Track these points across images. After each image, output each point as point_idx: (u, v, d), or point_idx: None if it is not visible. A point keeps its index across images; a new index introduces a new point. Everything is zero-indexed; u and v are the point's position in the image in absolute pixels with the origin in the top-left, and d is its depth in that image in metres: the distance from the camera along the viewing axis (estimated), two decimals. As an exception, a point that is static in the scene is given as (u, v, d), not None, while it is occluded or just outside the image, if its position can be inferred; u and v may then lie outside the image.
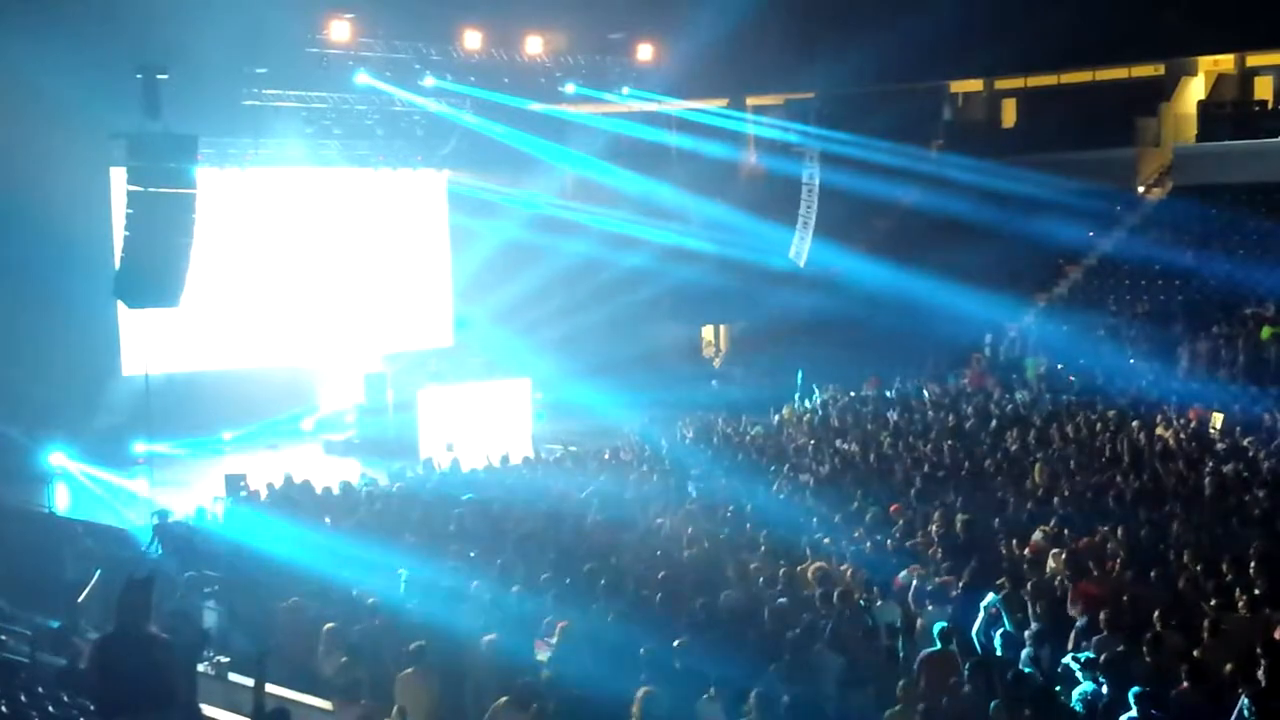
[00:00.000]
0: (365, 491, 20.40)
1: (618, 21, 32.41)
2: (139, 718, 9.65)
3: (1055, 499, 17.11)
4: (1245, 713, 9.51)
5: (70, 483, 23.92)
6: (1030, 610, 12.07)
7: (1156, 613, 11.87)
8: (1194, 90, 38.42)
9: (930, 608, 12.70)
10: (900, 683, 10.39)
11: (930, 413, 24.61)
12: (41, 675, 12.17)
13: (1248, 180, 32.62)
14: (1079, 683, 10.31)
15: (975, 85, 42.83)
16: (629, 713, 10.24)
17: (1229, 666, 10.55)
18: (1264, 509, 15.86)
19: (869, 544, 15.25)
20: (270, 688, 10.51)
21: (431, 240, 31.99)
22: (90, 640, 11.81)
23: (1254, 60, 37.47)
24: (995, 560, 14.35)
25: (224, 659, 13.94)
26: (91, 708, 10.54)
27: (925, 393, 27.12)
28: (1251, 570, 12.83)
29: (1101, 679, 10.17)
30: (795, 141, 35.81)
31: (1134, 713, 9.56)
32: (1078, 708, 9.82)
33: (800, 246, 34.09)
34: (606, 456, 23.19)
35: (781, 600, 12.85)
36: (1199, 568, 13.28)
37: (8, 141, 22.94)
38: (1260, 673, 10.16)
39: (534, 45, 30.12)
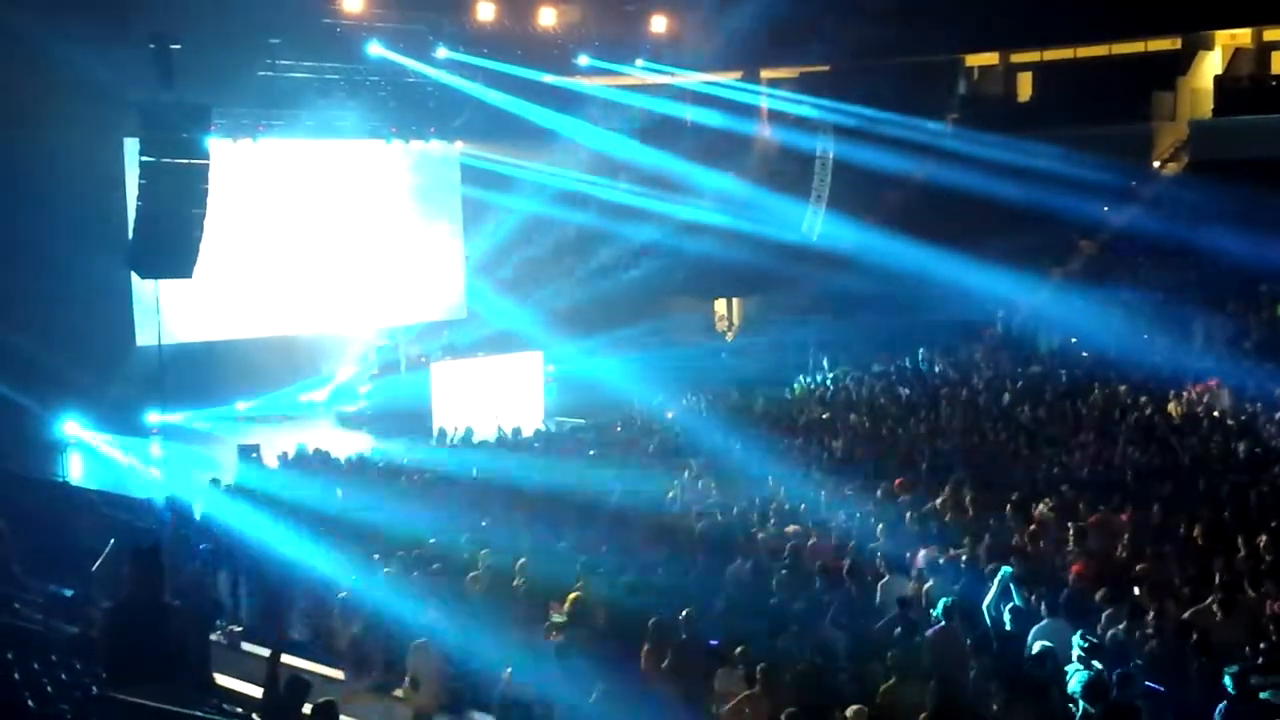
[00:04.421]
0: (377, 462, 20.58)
1: (631, -7, 32.33)
2: (148, 685, 9.71)
3: (1064, 472, 17.16)
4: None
5: (84, 452, 24.02)
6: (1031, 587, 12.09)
7: (1164, 586, 11.92)
8: (1210, 65, 38.18)
9: (940, 582, 12.72)
10: (890, 654, 10.40)
11: (942, 388, 24.61)
12: (54, 643, 12.23)
13: (1264, 155, 32.39)
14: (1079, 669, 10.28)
15: (991, 59, 42.61)
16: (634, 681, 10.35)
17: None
18: (1276, 486, 15.84)
19: (879, 518, 15.29)
20: (284, 657, 10.56)
21: (444, 212, 31.94)
22: (103, 608, 11.87)
23: (1271, 35, 37.19)
24: (1006, 534, 14.37)
25: (236, 628, 14.05)
26: (103, 675, 10.60)
27: (937, 367, 27.11)
28: (1261, 546, 12.83)
29: (1098, 665, 10.14)
30: (809, 115, 35.70)
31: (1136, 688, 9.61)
32: (1078, 692, 9.78)
33: (813, 221, 34.01)
34: (619, 429, 23.26)
35: (789, 573, 12.89)
36: (1210, 544, 13.30)
37: (21, 111, 22.92)
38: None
39: (547, 17, 30.03)
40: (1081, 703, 9.49)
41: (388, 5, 27.60)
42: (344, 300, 29.35)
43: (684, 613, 11.24)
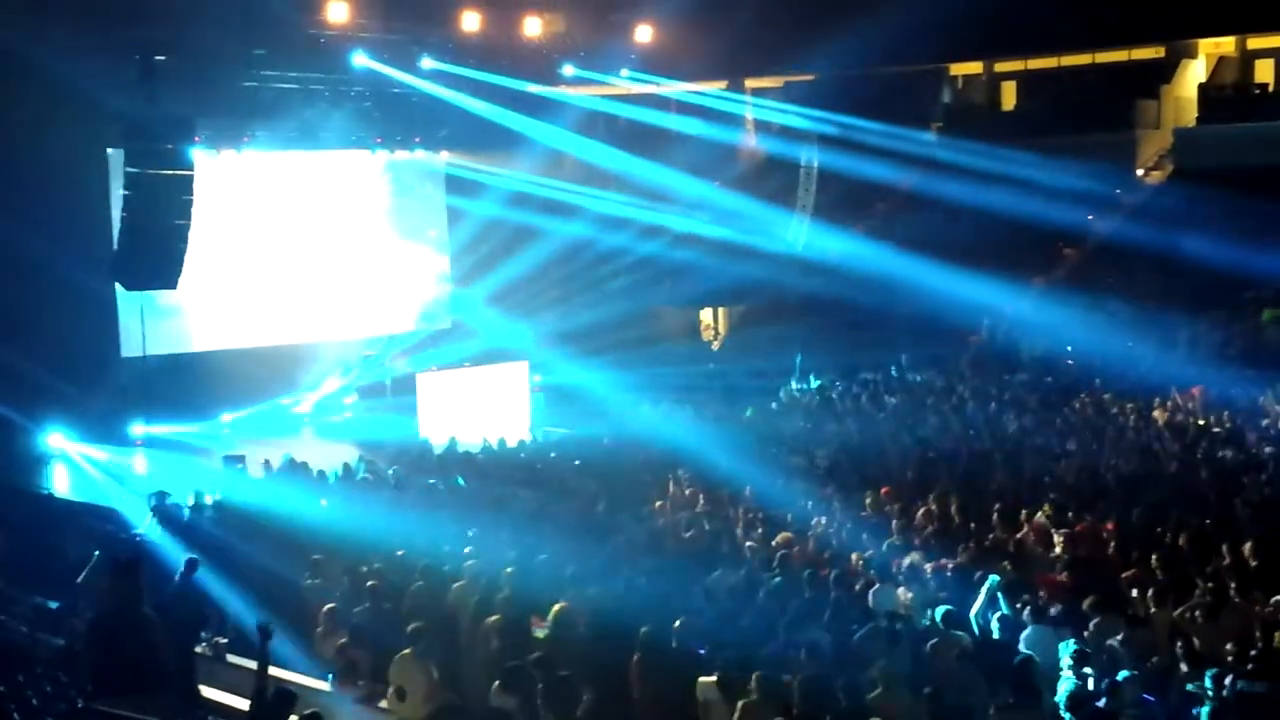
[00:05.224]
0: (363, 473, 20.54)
1: (617, 3, 32.28)
2: (132, 698, 9.68)
3: (1050, 480, 17.19)
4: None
5: (68, 464, 23.91)
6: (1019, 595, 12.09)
7: (1147, 594, 11.95)
8: (1194, 73, 38.36)
9: (927, 590, 12.73)
10: (879, 663, 10.40)
11: (928, 396, 24.63)
12: (40, 656, 12.19)
13: (1248, 163, 32.54)
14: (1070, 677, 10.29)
15: (975, 68, 42.75)
16: (621, 693, 10.31)
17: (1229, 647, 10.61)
18: (1261, 493, 15.89)
19: (866, 526, 15.30)
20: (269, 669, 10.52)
21: (429, 222, 31.94)
22: (85, 621, 11.84)
23: (1255, 43, 37.41)
24: (993, 543, 14.39)
25: (222, 640, 13.98)
26: (89, 688, 10.58)
27: (919, 377, 27.14)
28: (1247, 553, 12.85)
29: (1088, 671, 10.15)
30: (794, 124, 35.74)
31: (1126, 697, 9.61)
32: (1062, 703, 9.80)
33: (799, 230, 34.05)
34: (605, 440, 23.25)
35: (779, 582, 12.89)
36: (1196, 551, 13.32)
37: (4, 122, 22.85)
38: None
39: (533, 27, 29.99)
40: (1067, 714, 9.52)
41: (372, 16, 27.53)
42: (329, 311, 29.30)
43: (677, 622, 11.24)
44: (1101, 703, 9.54)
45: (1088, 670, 10.15)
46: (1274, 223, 28.52)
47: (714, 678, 10.41)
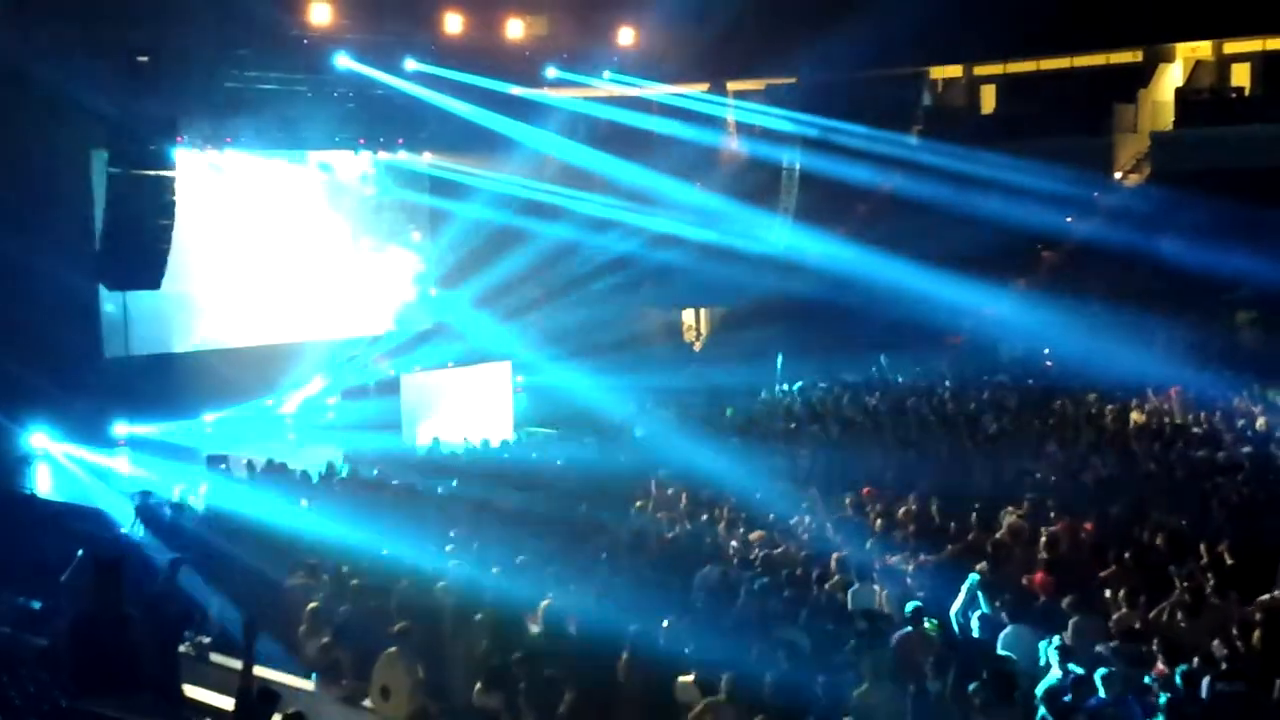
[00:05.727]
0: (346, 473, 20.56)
1: (599, 5, 32.36)
2: (114, 697, 9.71)
3: (1030, 481, 17.30)
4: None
5: (51, 464, 23.87)
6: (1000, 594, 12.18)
7: (1123, 593, 12.05)
8: (1172, 77, 38.58)
9: (907, 589, 12.80)
10: (865, 659, 10.47)
11: (909, 397, 24.73)
12: (22, 656, 12.18)
13: (1224, 166, 32.74)
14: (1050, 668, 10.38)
15: (955, 71, 42.92)
16: (605, 693, 10.37)
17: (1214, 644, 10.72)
18: (1238, 494, 16.02)
19: (847, 526, 15.37)
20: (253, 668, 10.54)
21: (412, 223, 31.96)
22: (67, 620, 11.85)
23: (1231, 47, 37.63)
24: (973, 543, 14.48)
25: (205, 639, 13.99)
26: (72, 688, 10.59)
27: (900, 378, 27.25)
28: (1223, 553, 12.97)
29: (1071, 667, 10.24)
30: (776, 127, 35.83)
31: (1102, 694, 9.70)
32: (1040, 696, 9.88)
33: (780, 231, 34.15)
34: (588, 442, 23.28)
35: (760, 581, 12.94)
36: (1173, 551, 13.43)
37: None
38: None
39: (515, 29, 30.07)
40: (1042, 709, 9.61)
41: (355, 17, 27.55)
42: (312, 311, 29.30)
43: (665, 623, 11.29)
44: (1068, 698, 9.63)
45: (1070, 667, 10.23)
46: (1250, 226, 28.71)
47: (691, 678, 10.47)
